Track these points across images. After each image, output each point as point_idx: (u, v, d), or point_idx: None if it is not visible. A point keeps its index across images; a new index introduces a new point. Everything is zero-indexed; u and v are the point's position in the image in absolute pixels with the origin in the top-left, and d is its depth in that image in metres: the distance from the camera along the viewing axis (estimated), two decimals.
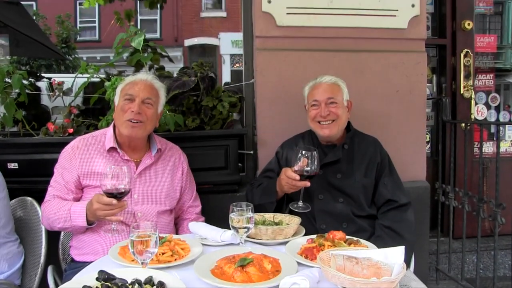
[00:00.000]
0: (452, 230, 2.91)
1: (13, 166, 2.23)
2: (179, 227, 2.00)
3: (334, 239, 1.51)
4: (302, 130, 2.18)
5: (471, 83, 3.30)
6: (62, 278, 1.83)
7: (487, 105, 3.49)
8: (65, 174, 1.80)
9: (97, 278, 1.21)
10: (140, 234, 1.27)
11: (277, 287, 1.21)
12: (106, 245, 1.71)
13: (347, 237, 1.56)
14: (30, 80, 2.99)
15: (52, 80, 2.62)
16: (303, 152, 1.70)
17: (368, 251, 1.35)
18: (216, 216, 1.87)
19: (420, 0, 2.56)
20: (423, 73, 2.62)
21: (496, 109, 3.51)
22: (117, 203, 1.55)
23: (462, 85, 3.28)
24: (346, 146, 2.01)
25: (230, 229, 1.54)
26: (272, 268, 1.31)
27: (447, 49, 3.33)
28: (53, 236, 1.93)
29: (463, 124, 3.11)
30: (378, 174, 1.99)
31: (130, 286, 1.17)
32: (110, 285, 1.17)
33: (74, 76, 2.60)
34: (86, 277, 1.27)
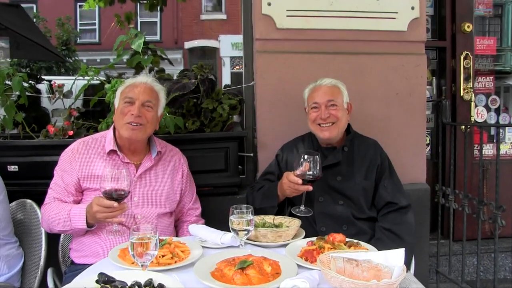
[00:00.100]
0: (452, 232, 2.90)
1: (13, 168, 2.22)
2: (179, 230, 2.00)
3: (334, 242, 1.51)
4: (302, 133, 2.18)
5: (471, 86, 3.30)
6: (61, 280, 1.82)
7: (487, 107, 3.48)
8: (65, 177, 1.80)
9: (97, 281, 1.21)
10: (140, 236, 1.27)
11: None
12: (106, 247, 1.71)
13: (347, 239, 1.56)
14: (30, 82, 2.99)
15: (52, 82, 2.62)
16: (306, 156, 1.70)
17: (368, 254, 1.34)
18: (216, 218, 1.87)
19: (419, 2, 2.56)
20: (423, 75, 2.62)
21: (496, 111, 3.50)
22: (117, 206, 1.55)
23: (462, 87, 3.29)
24: (346, 148, 2.01)
25: (230, 231, 1.53)
26: (272, 270, 1.31)
27: (447, 51, 3.34)
28: (53, 238, 1.93)
29: (463, 126, 3.11)
30: (378, 177, 1.99)
31: None
32: (110, 287, 1.17)
33: (74, 78, 2.60)
34: (86, 279, 1.27)
